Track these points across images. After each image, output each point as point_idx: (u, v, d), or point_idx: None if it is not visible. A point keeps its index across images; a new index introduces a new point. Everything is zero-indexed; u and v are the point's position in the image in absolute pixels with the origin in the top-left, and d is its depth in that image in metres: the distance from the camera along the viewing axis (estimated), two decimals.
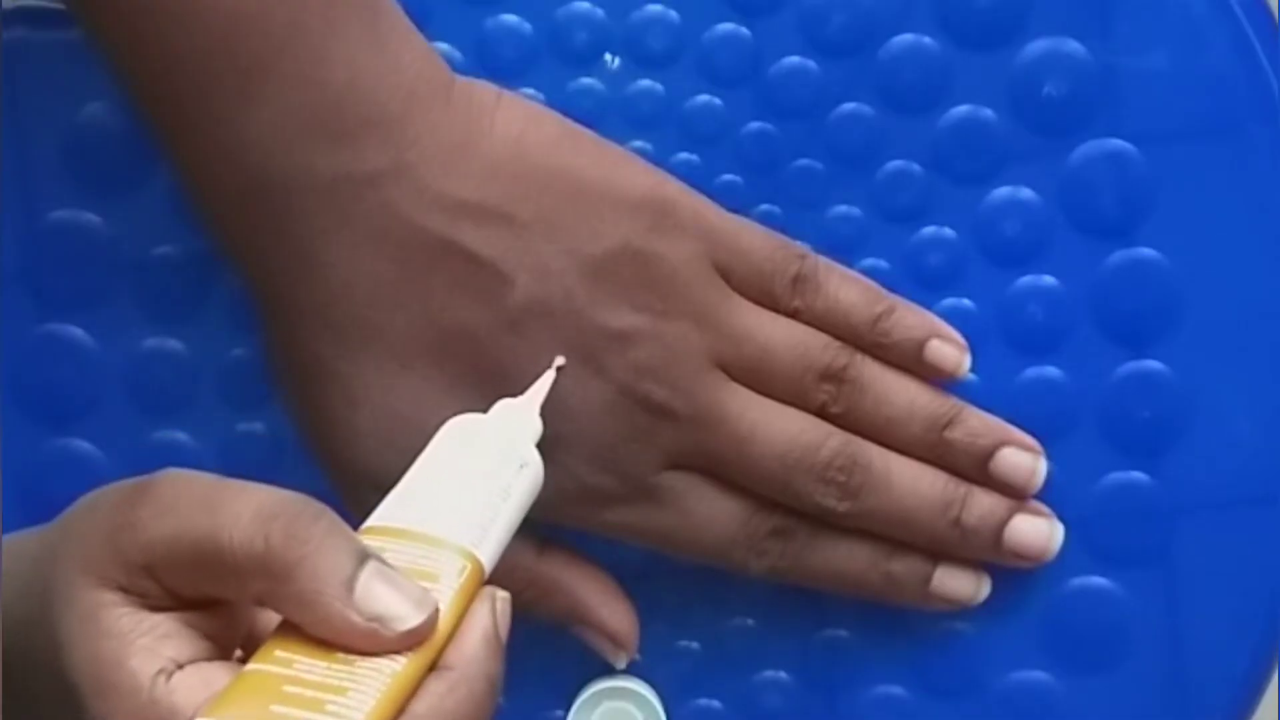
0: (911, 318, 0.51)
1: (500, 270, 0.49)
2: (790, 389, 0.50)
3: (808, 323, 0.51)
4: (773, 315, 0.51)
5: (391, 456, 0.48)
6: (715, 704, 0.53)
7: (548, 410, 0.48)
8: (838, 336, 0.51)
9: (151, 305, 0.53)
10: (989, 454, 0.51)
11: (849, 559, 0.51)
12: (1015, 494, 0.52)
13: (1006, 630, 0.53)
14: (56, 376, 0.53)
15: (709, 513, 0.50)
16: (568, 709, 0.52)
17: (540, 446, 0.47)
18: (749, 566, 0.51)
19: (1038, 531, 0.52)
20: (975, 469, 0.51)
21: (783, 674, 0.53)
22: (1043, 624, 0.53)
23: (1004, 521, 0.51)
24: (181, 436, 0.53)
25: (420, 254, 0.48)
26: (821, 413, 0.50)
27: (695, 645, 0.53)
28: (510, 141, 0.49)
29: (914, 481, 0.51)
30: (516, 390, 0.48)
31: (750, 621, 0.53)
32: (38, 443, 0.53)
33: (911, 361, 0.51)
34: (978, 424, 0.51)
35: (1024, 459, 0.52)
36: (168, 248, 0.53)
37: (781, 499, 0.50)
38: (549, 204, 0.49)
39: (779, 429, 0.50)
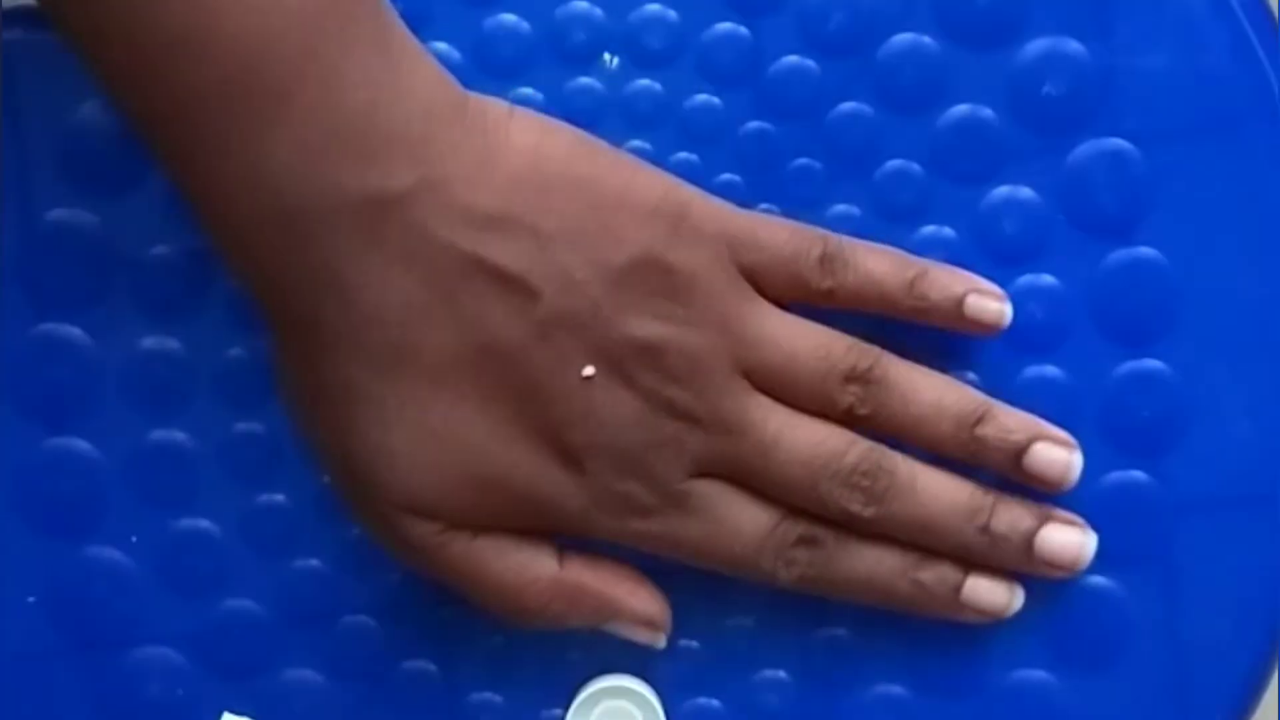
0: (946, 276, 0.51)
1: (528, 283, 0.49)
2: (816, 393, 0.50)
3: (843, 300, 0.51)
4: (795, 319, 0.51)
5: (426, 476, 0.49)
6: (715, 703, 0.53)
7: (577, 420, 0.48)
8: (875, 308, 0.51)
9: (150, 304, 0.53)
10: (1023, 449, 0.51)
11: (878, 566, 0.51)
12: (1050, 489, 0.51)
13: (1006, 630, 0.53)
14: (54, 376, 0.53)
15: (737, 520, 0.50)
16: (567, 708, 0.52)
17: (568, 457, 0.47)
18: (778, 576, 0.51)
19: (1069, 540, 0.51)
20: (1009, 465, 0.51)
21: (782, 674, 0.53)
22: (1043, 624, 0.53)
23: (1034, 530, 0.51)
24: (180, 436, 0.53)
25: (449, 271, 0.48)
26: (849, 415, 0.50)
27: (695, 645, 0.53)
28: (528, 152, 0.49)
29: (939, 488, 0.51)
30: (546, 402, 0.48)
31: (750, 621, 0.53)
32: (36, 442, 0.53)
33: (953, 319, 0.51)
34: (1009, 419, 0.51)
35: (1059, 453, 0.51)
36: (166, 247, 0.53)
37: (807, 505, 0.50)
38: (571, 214, 0.49)
39: (803, 436, 0.50)
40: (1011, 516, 0.51)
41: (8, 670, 0.53)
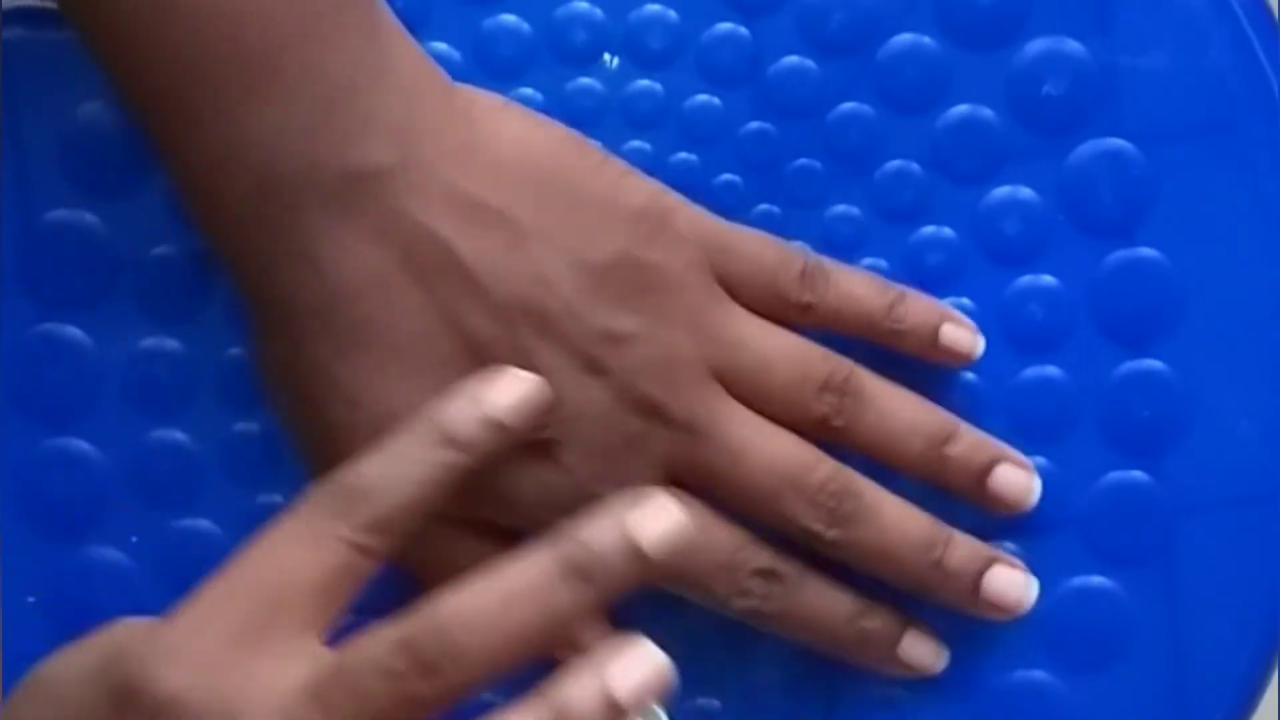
0: (922, 303, 0.51)
1: (496, 274, 0.49)
2: (789, 400, 0.50)
3: (821, 316, 0.51)
4: (771, 326, 0.51)
5: None
6: (715, 703, 0.53)
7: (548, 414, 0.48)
8: (851, 328, 0.51)
9: (150, 304, 0.53)
10: (987, 470, 0.51)
11: (832, 609, 0.51)
12: (1008, 510, 0.51)
13: (1006, 630, 0.53)
14: (54, 376, 0.53)
15: (700, 535, 0.50)
16: None
17: (540, 451, 0.47)
18: (730, 604, 0.50)
19: (1014, 583, 0.51)
20: (971, 485, 0.51)
21: (783, 674, 0.53)
22: (1043, 624, 0.53)
23: (983, 570, 0.51)
24: (180, 436, 0.53)
25: (421, 252, 0.48)
26: (823, 425, 0.50)
27: (695, 646, 0.53)
28: (515, 143, 0.49)
29: (901, 517, 0.51)
30: None
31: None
32: (35, 442, 0.53)
33: (926, 346, 0.51)
34: (975, 440, 0.51)
35: (1020, 475, 0.51)
36: (166, 247, 0.53)
37: (769, 520, 0.50)
38: (550, 211, 0.49)
39: (774, 446, 0.50)
40: (963, 554, 0.51)
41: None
